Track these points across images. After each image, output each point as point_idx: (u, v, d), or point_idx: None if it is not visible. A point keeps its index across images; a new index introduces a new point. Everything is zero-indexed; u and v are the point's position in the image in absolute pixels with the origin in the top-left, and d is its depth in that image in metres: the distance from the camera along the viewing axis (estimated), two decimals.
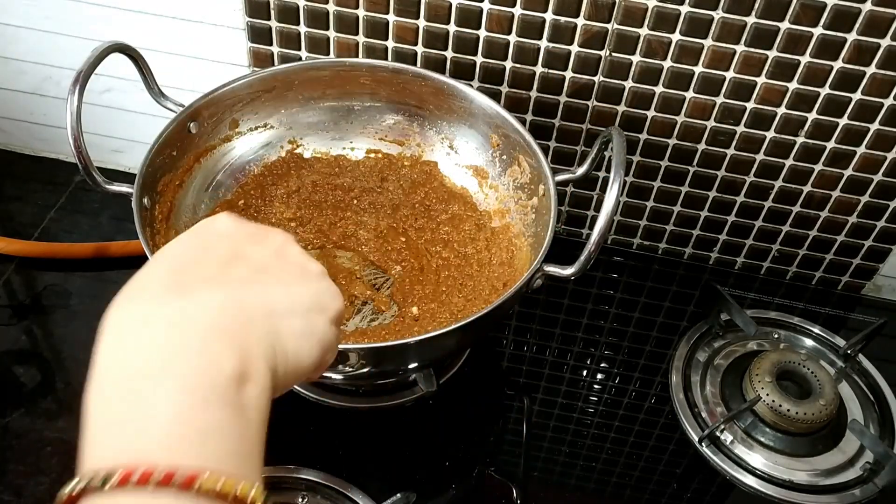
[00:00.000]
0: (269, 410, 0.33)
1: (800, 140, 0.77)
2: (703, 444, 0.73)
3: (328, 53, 0.79)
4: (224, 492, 0.28)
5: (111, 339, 0.32)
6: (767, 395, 0.73)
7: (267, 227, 0.40)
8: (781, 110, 0.74)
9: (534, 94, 0.78)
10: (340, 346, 0.43)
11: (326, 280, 0.40)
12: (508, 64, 0.76)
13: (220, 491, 0.28)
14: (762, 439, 0.73)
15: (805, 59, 0.70)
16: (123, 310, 0.33)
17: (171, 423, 0.29)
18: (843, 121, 0.74)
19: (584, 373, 0.80)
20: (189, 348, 0.31)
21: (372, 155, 0.81)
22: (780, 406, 0.72)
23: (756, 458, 0.72)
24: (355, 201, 0.79)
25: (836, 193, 0.80)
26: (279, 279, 0.37)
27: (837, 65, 0.70)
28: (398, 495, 0.65)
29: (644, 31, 0.71)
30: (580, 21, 0.71)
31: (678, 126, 0.78)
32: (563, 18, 0.71)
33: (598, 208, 0.87)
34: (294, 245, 0.40)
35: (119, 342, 0.32)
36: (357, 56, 0.78)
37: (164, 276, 0.34)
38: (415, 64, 0.77)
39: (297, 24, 0.77)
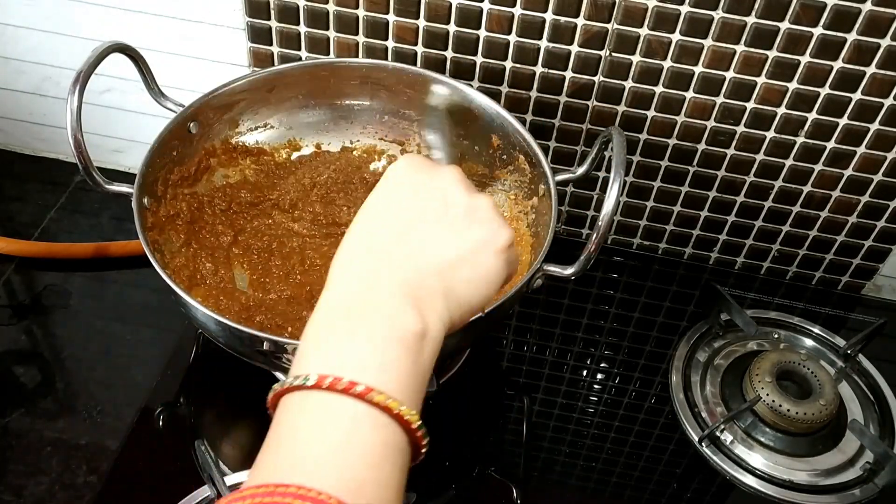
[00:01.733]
0: (439, 350, 0.41)
1: (800, 140, 0.77)
2: (703, 444, 0.73)
3: (328, 53, 0.79)
4: (389, 406, 0.36)
5: (337, 278, 0.42)
6: (767, 395, 0.73)
7: (435, 167, 0.47)
8: (781, 110, 0.74)
9: (534, 94, 0.78)
10: None
11: (490, 213, 0.46)
12: (508, 64, 0.76)
13: (385, 405, 0.36)
14: (762, 439, 0.73)
15: (805, 59, 0.70)
16: (348, 258, 0.43)
17: (366, 354, 0.38)
18: (843, 121, 0.74)
19: (584, 373, 0.80)
20: (387, 305, 0.40)
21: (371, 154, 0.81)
22: (780, 406, 0.72)
23: (756, 458, 0.72)
24: (355, 204, 0.79)
25: (836, 193, 0.80)
26: (450, 227, 0.44)
27: (837, 65, 0.70)
28: None
29: (644, 31, 0.71)
30: (580, 21, 0.71)
31: (678, 126, 0.78)
32: (563, 18, 0.71)
33: (598, 208, 0.87)
34: (459, 184, 0.46)
35: (340, 286, 0.42)
36: (357, 56, 0.78)
37: (365, 239, 0.44)
38: (415, 64, 0.77)
39: (297, 24, 0.77)
